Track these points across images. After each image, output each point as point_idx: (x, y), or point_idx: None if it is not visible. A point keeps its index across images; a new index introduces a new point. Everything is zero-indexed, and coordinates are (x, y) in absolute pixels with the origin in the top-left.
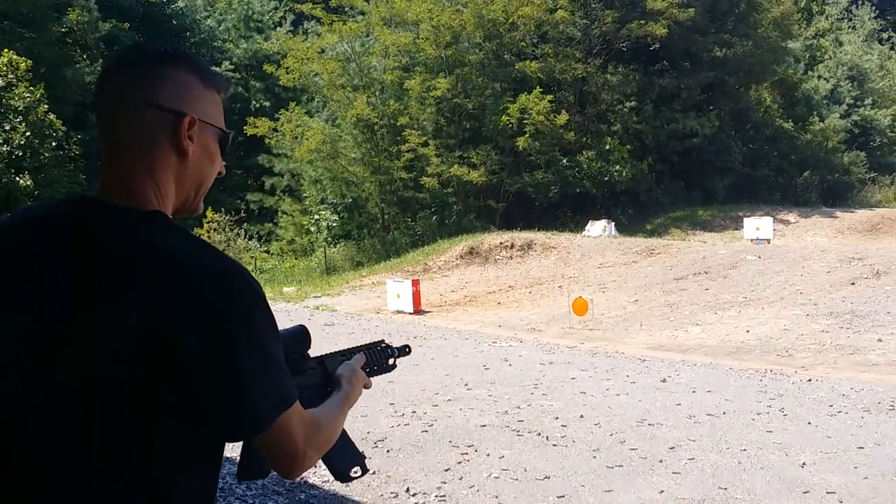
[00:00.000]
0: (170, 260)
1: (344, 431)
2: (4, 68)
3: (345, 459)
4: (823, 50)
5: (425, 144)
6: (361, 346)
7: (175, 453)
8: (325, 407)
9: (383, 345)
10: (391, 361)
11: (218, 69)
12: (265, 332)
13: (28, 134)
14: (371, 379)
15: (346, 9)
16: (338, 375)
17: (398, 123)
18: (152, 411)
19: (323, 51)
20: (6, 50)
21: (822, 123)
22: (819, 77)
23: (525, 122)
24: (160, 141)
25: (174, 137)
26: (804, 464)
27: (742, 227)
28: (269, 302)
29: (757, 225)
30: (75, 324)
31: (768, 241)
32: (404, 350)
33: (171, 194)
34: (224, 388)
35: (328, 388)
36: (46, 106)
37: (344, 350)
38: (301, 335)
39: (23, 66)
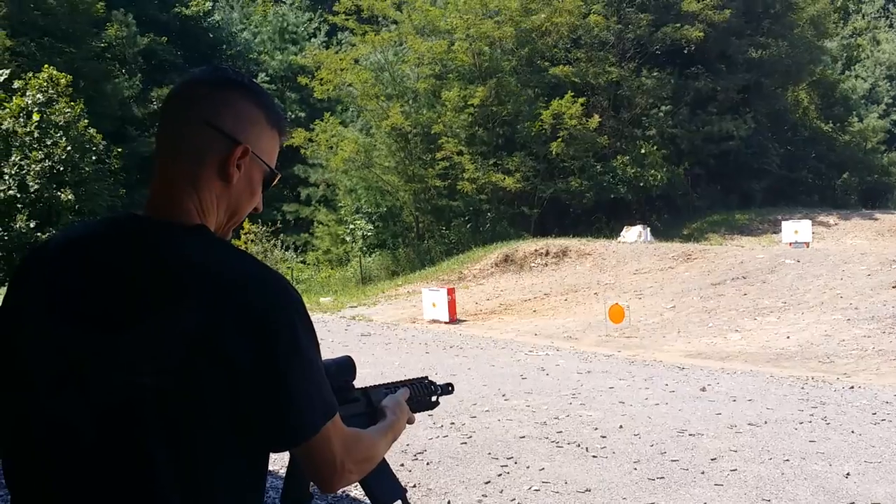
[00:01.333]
0: (214, 272)
1: (387, 465)
2: (45, 84)
3: (387, 492)
4: (860, 49)
5: (460, 153)
6: (405, 380)
7: (223, 463)
8: (369, 429)
9: (427, 381)
10: (434, 399)
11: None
12: (306, 341)
13: (69, 148)
14: (414, 415)
15: (379, 19)
16: (382, 407)
17: (433, 131)
18: (202, 420)
19: (356, 61)
20: (46, 66)
21: (860, 124)
22: (857, 77)
23: (558, 127)
24: (209, 162)
25: (223, 163)
26: (848, 474)
27: (780, 230)
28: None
29: (795, 228)
30: (127, 335)
31: (807, 244)
32: (447, 388)
33: (212, 213)
34: (271, 397)
35: (372, 419)
36: (87, 120)
37: (388, 384)
38: (347, 365)
39: (63, 81)
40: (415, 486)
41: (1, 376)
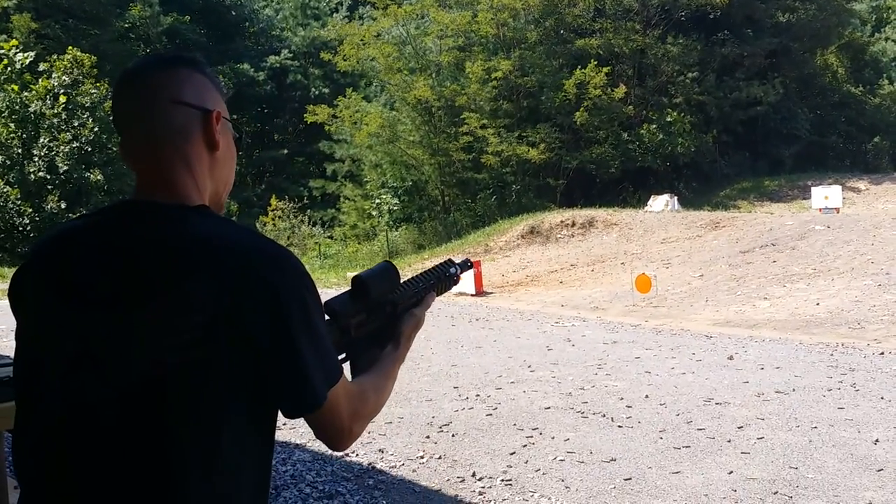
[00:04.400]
0: (224, 248)
1: None
2: (70, 65)
3: None
4: (891, 10)
5: (484, 126)
6: (430, 271)
7: (240, 432)
8: (376, 375)
9: (449, 270)
10: (454, 281)
11: (277, 57)
12: (315, 311)
13: (96, 129)
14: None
15: None
16: (399, 333)
17: (456, 104)
18: (221, 392)
19: (379, 35)
20: (70, 47)
21: (891, 86)
22: (887, 39)
23: (582, 97)
24: (194, 136)
25: (206, 132)
26: (877, 441)
27: (810, 196)
28: (334, 287)
29: (825, 194)
30: (141, 314)
31: (837, 209)
32: (467, 264)
33: (207, 188)
34: (284, 367)
35: (393, 327)
36: None
37: (415, 279)
38: (390, 274)
39: (87, 62)
40: (440, 457)
41: (14, 363)
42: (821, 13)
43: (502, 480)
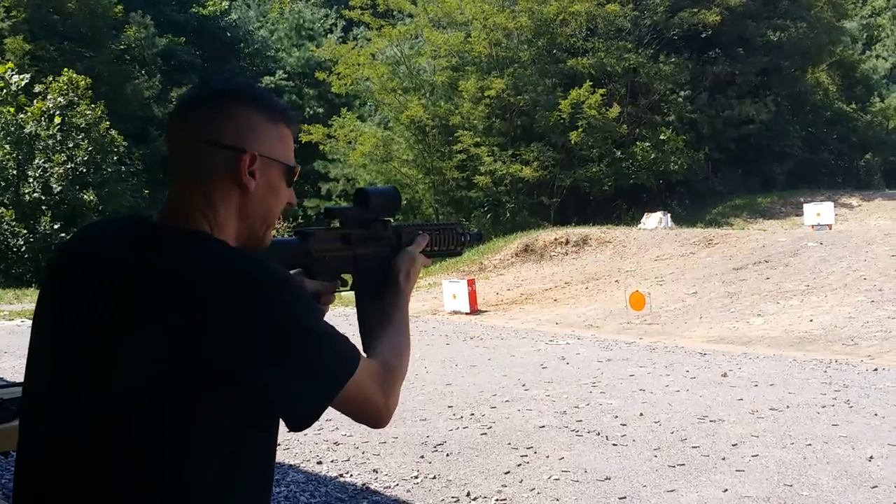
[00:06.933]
0: (210, 272)
1: None
2: (65, 87)
3: None
4: (881, 28)
5: (477, 145)
6: (437, 223)
7: (228, 456)
8: (389, 335)
9: (459, 229)
10: (460, 249)
11: (272, 78)
12: (309, 316)
13: (91, 150)
14: (430, 260)
15: (395, 13)
16: (396, 269)
17: (450, 123)
18: (200, 419)
19: (373, 56)
20: (65, 69)
21: (882, 103)
22: (877, 56)
23: (577, 116)
24: (220, 175)
25: (235, 173)
26: (871, 457)
27: (802, 213)
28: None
29: (817, 210)
30: (122, 339)
31: (830, 226)
32: (478, 236)
33: (229, 226)
34: (274, 389)
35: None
36: (108, 122)
37: (421, 224)
38: (392, 198)
39: (82, 83)
40: (434, 477)
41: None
42: (811, 31)
43: (497, 500)
